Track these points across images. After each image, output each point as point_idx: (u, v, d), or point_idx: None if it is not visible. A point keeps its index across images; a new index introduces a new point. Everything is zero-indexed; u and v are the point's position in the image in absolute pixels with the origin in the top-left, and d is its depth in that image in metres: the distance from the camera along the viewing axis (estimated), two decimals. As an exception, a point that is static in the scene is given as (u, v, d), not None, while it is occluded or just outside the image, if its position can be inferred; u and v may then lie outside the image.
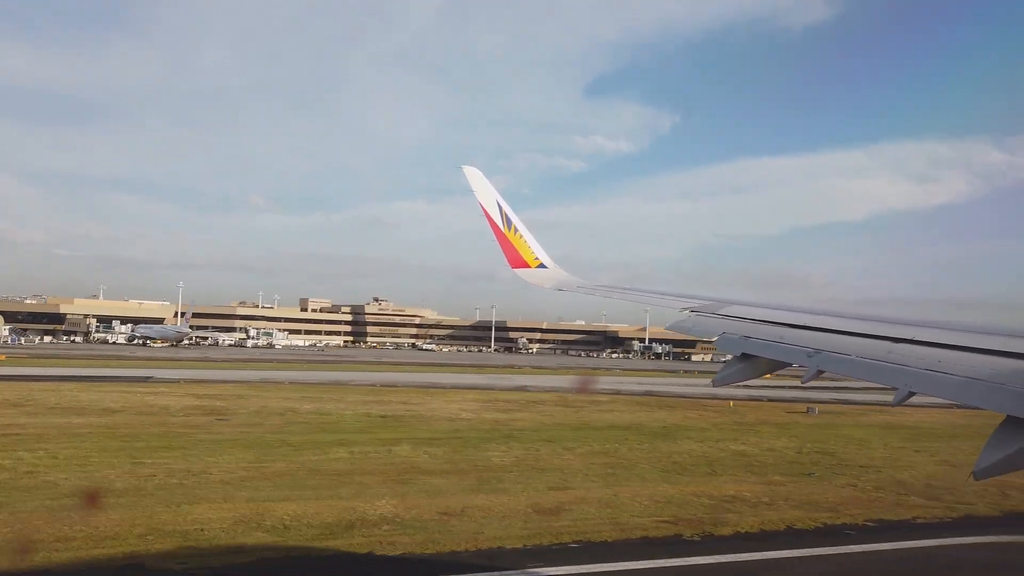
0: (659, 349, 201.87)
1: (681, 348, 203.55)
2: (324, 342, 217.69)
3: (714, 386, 8.45)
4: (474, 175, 9.92)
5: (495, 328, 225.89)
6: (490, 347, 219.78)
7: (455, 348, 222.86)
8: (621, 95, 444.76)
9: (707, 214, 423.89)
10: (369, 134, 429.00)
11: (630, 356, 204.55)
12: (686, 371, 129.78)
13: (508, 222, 9.81)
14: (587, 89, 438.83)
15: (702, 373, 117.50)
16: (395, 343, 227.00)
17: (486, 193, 9.81)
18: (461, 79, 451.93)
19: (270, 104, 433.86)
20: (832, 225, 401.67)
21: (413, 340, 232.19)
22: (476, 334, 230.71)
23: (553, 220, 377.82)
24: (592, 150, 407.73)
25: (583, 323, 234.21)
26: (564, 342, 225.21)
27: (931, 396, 5.64)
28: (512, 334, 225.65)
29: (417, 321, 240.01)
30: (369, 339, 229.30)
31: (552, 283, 10.22)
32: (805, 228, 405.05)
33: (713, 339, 8.95)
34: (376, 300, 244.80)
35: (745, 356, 8.05)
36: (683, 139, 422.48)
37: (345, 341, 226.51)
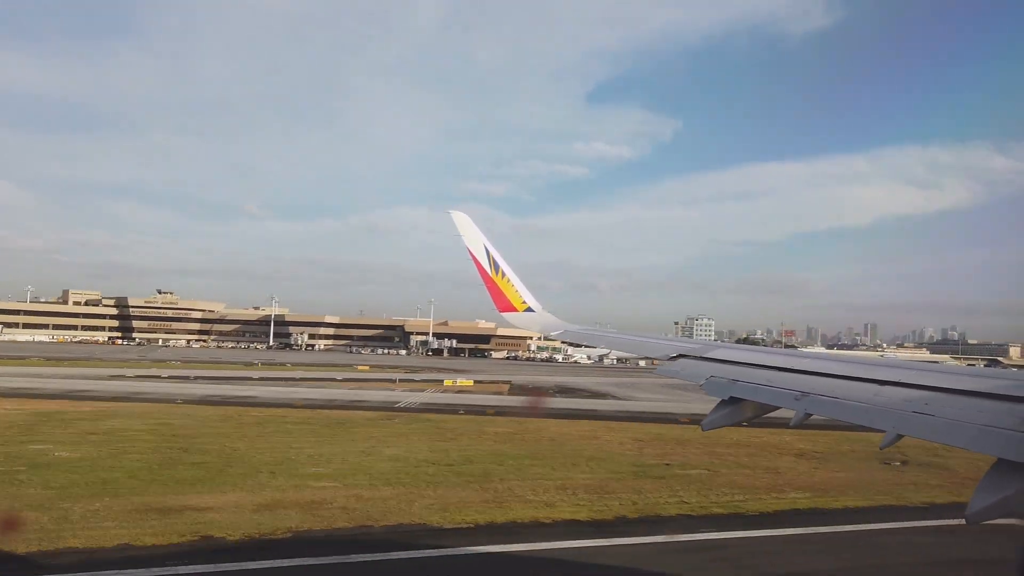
0: (435, 344, 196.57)
1: (475, 344, 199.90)
2: (80, 338, 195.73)
3: (704, 430, 8.39)
4: (462, 220, 9.91)
5: (275, 323, 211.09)
6: (270, 343, 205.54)
7: (230, 345, 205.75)
8: (622, 102, 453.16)
9: (708, 220, 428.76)
10: (371, 143, 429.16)
11: (403, 352, 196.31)
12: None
13: (496, 266, 9.77)
14: (588, 96, 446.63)
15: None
16: (167, 339, 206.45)
17: (474, 238, 9.78)
18: (462, 88, 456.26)
19: (272, 113, 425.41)
20: (834, 231, 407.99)
21: (199, 336, 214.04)
22: (263, 329, 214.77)
23: (554, 227, 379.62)
24: (593, 157, 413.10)
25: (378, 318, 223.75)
26: (361, 337, 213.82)
27: (920, 438, 5.65)
28: (292, 329, 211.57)
29: (197, 315, 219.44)
30: (136, 335, 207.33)
31: (539, 327, 10.17)
32: (807, 234, 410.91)
33: (701, 383, 8.92)
34: (160, 292, 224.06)
35: (733, 400, 8.03)
36: (684, 145, 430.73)
37: (111, 337, 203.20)
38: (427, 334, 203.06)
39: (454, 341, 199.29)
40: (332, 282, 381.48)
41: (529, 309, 10.02)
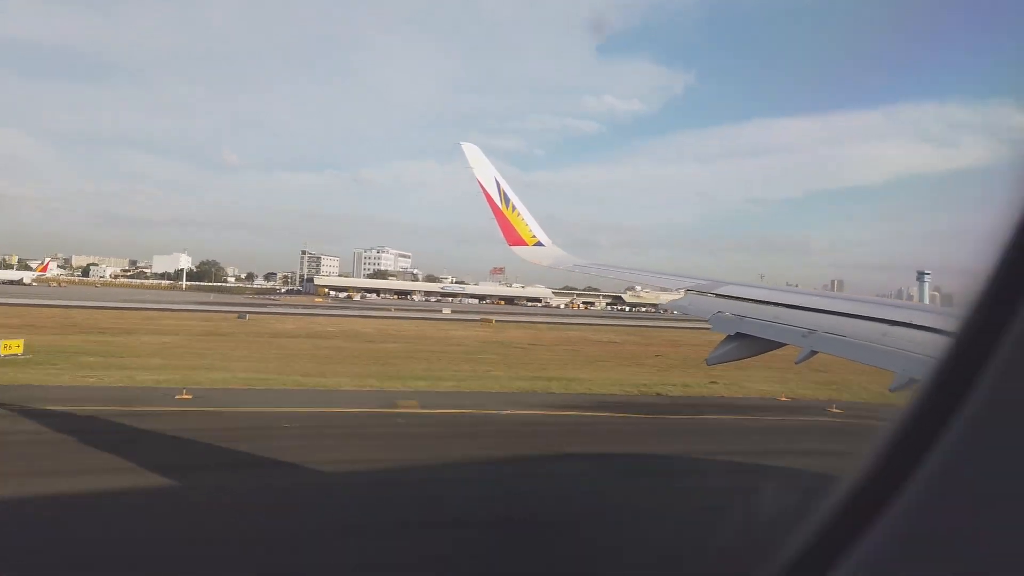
0: None
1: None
2: None
3: (708, 364, 8.52)
4: (472, 152, 9.74)
5: None
6: None
7: None
8: (634, 55, 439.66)
9: (719, 177, 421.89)
10: (380, 95, 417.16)
11: None
12: None
13: (506, 200, 9.67)
14: (599, 48, 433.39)
15: None
16: None
17: (484, 170, 9.64)
18: (472, 39, 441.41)
19: (280, 65, 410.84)
20: (847, 190, 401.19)
21: None
22: None
23: (563, 182, 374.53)
24: (604, 111, 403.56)
25: None
26: None
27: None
28: None
29: None
30: None
31: (549, 261, 10.17)
32: (819, 192, 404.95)
33: (707, 318, 8.98)
34: None
35: (740, 335, 8.11)
36: (696, 100, 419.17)
37: None
38: None
39: None
40: (333, 235, 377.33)
41: (539, 243, 9.99)
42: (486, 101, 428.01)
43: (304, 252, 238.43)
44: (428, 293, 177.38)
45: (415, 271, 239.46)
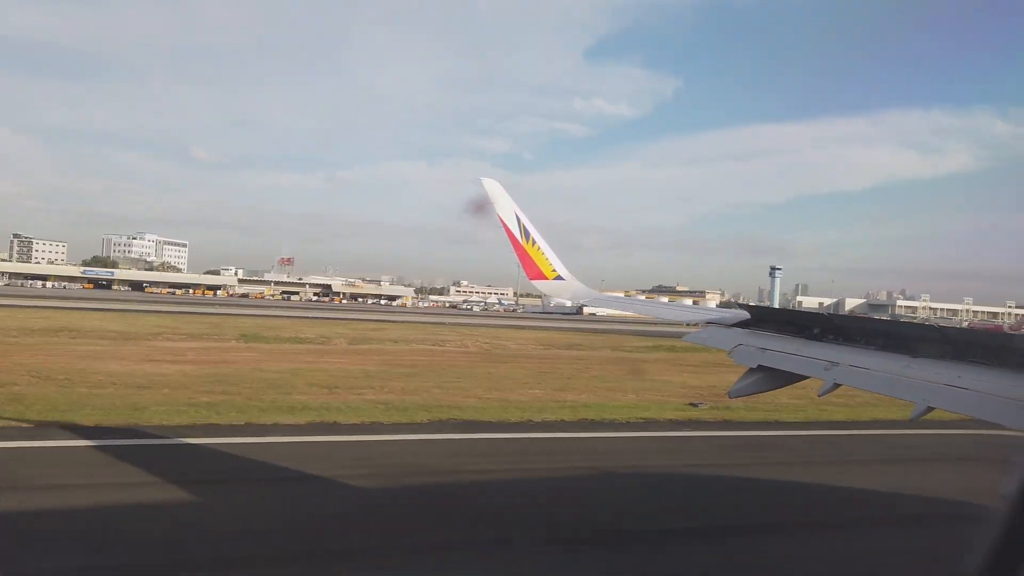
0: None
1: None
2: None
3: (730, 398, 8.48)
4: (493, 187, 9.97)
5: None
6: None
7: None
8: (623, 58, 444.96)
9: (706, 181, 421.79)
10: (370, 94, 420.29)
11: None
12: None
13: (526, 234, 9.85)
14: (587, 51, 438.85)
15: None
16: None
17: (505, 205, 9.85)
18: (462, 39, 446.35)
19: (271, 62, 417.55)
20: (833, 195, 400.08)
21: None
22: None
23: (553, 185, 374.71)
24: (593, 114, 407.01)
25: None
26: None
27: (951, 411, 5.69)
28: None
29: None
30: None
31: (569, 294, 10.30)
32: (806, 197, 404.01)
33: (730, 351, 8.96)
34: None
35: (761, 368, 8.09)
36: (685, 104, 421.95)
37: None
38: None
39: None
40: (320, 236, 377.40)
41: (559, 277, 10.11)
42: (474, 103, 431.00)
43: (15, 235, 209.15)
44: (65, 278, 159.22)
45: (150, 259, 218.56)
